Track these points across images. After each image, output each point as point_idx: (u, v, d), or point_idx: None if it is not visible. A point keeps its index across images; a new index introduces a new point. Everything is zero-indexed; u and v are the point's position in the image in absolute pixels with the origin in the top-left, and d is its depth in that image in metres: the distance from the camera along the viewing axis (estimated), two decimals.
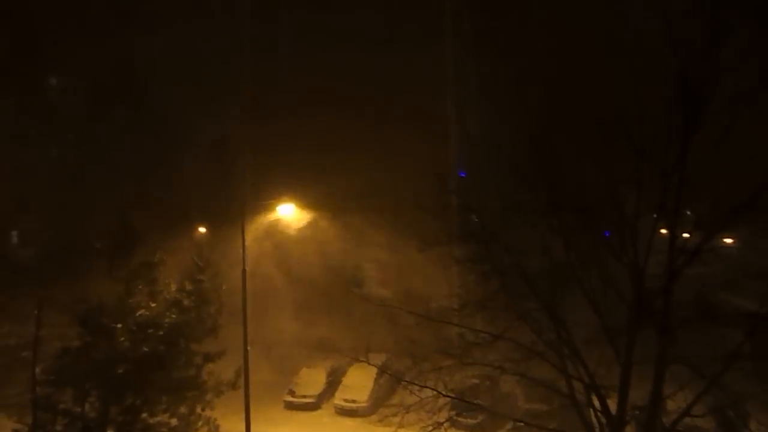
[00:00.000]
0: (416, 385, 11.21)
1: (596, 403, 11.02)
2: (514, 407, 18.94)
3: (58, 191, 30.05)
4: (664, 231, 10.85)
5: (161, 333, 15.03)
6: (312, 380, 25.66)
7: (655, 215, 10.68)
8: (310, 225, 29.86)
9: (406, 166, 26.57)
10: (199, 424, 15.64)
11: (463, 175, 31.07)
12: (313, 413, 24.51)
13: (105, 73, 33.62)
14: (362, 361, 12.61)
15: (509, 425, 13.09)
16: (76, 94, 36.37)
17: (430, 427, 10.82)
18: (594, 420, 11.01)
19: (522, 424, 14.04)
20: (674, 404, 10.69)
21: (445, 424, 10.98)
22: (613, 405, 10.75)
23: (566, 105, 13.93)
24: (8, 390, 15.80)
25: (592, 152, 11.41)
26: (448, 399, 11.66)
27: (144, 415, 14.92)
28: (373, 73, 29.20)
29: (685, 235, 10.53)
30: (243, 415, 17.56)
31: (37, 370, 15.34)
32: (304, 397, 25.00)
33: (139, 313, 15.05)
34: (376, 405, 23.62)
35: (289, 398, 25.01)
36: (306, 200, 26.16)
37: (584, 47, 13.68)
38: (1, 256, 16.93)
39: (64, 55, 34.90)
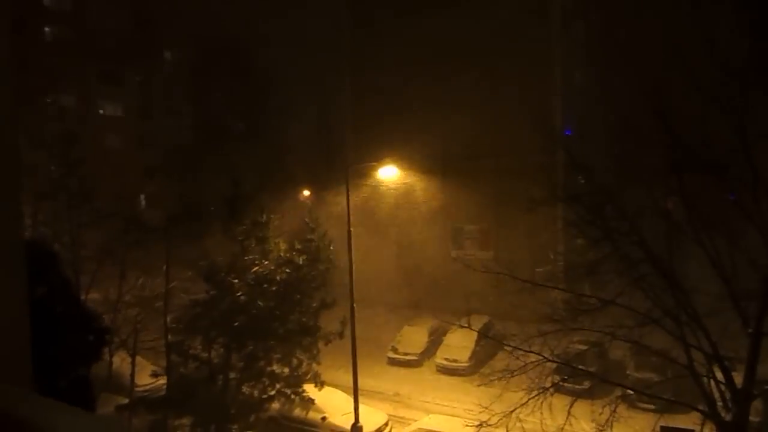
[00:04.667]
0: (521, 349, 11.04)
1: (719, 375, 10.28)
2: (623, 376, 18.22)
3: (177, 158, 32.53)
4: None
5: (275, 288, 16.02)
6: (414, 338, 26.22)
7: None
8: (412, 187, 30.00)
9: (510, 126, 25.73)
10: (308, 377, 16.66)
11: (569, 133, 29.55)
12: (415, 370, 25.12)
13: (214, 47, 35.42)
14: (464, 327, 12.55)
15: (618, 393, 12.57)
16: (188, 67, 38.63)
17: (536, 392, 10.65)
18: (716, 393, 10.29)
19: (632, 393, 13.52)
20: None
21: (550, 389, 10.77)
22: (738, 378, 9.97)
23: (688, 51, 12.69)
24: (145, 336, 17.67)
25: (721, 104, 10.30)
26: (554, 364, 11.41)
27: (261, 363, 16.14)
28: (475, 32, 28.24)
29: None
30: (348, 369, 18.36)
31: (168, 319, 16.98)
32: (407, 354, 25.64)
33: (254, 270, 16.09)
34: (477, 366, 23.74)
35: (392, 354, 25.77)
36: (408, 162, 26.22)
37: None
38: (134, 217, 18.61)
39: (178, 31, 37.15)
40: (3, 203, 1.97)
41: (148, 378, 17.68)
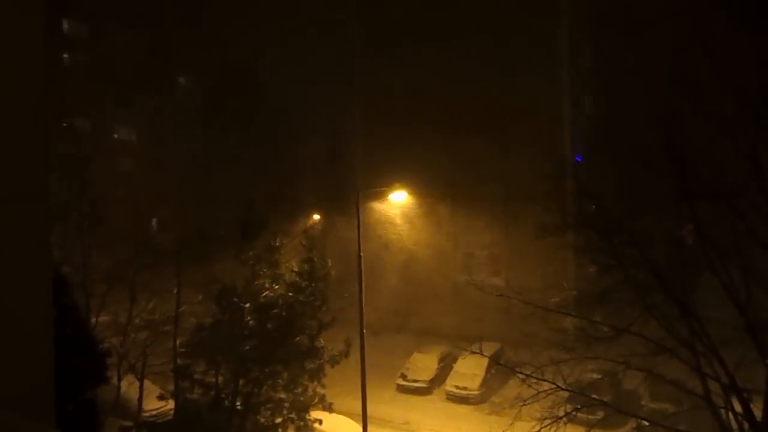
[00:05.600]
0: (534, 377, 10.88)
1: (737, 406, 10.05)
2: (638, 407, 17.86)
3: (189, 183, 32.83)
4: None
5: (283, 313, 15.98)
6: (423, 365, 25.91)
7: None
8: (422, 212, 29.98)
9: (519, 152, 25.82)
10: (315, 400, 16.49)
11: (579, 159, 29.55)
12: (425, 397, 24.76)
13: (225, 73, 36.06)
14: (475, 352, 12.40)
15: (633, 424, 12.31)
16: (200, 93, 39.28)
17: (548, 421, 10.45)
18: (734, 424, 10.06)
19: (647, 423, 13.22)
20: None
21: (563, 419, 10.56)
22: (757, 410, 9.74)
23: (698, 78, 12.74)
24: (154, 360, 17.65)
25: (731, 130, 10.30)
26: (567, 394, 11.22)
27: (266, 388, 16.00)
28: (485, 60, 28.55)
29: None
30: (356, 396, 18.12)
31: (177, 342, 16.94)
32: (416, 381, 25.31)
33: (264, 294, 16.09)
34: (488, 394, 23.38)
35: (402, 381, 25.44)
36: (418, 187, 26.27)
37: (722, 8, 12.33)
38: (145, 240, 18.75)
39: (192, 57, 37.92)
40: (32, 249, 1.98)
41: (155, 402, 17.57)
